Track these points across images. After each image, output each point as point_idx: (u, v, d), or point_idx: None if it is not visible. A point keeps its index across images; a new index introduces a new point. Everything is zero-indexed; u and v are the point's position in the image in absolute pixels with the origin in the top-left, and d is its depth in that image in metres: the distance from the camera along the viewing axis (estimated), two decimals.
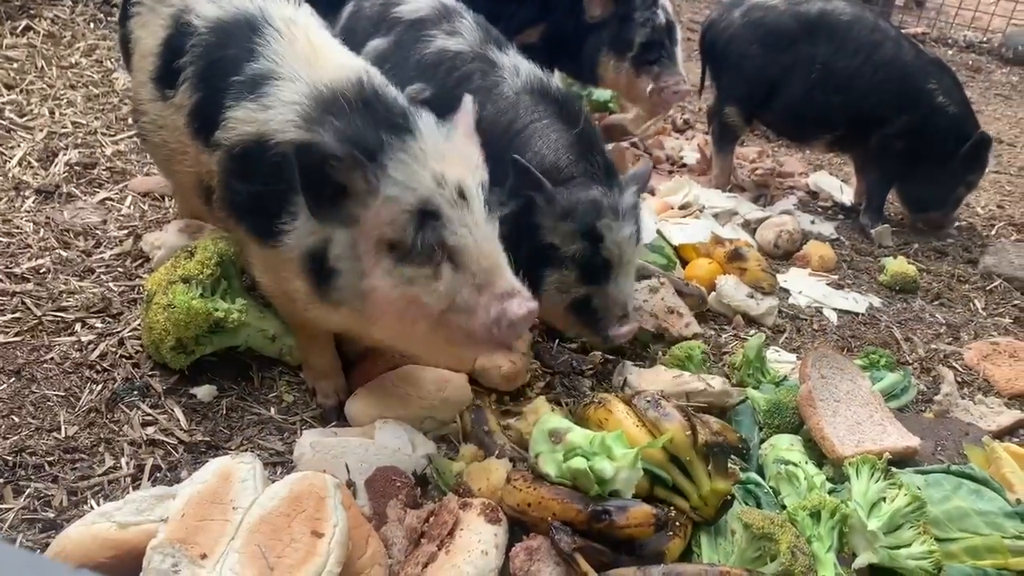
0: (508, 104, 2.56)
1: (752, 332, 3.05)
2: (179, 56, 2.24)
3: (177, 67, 2.24)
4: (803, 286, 3.45)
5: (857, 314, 3.32)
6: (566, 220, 2.39)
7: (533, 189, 2.37)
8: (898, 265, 3.61)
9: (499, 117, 2.54)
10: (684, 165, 4.57)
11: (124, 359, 2.41)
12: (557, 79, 2.66)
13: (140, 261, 2.85)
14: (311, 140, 1.88)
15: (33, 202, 3.09)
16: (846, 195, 4.42)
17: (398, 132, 1.92)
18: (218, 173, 2.16)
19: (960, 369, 3.04)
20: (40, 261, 2.75)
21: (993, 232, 4.25)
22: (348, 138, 1.91)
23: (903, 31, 7.35)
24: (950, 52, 7.54)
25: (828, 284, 3.49)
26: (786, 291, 3.40)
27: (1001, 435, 2.61)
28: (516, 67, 2.64)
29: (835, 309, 3.32)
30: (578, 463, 1.88)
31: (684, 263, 3.43)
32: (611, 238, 2.42)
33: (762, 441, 2.34)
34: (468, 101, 2.16)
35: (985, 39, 7.65)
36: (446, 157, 1.93)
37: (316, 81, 2.05)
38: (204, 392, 2.34)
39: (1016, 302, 3.55)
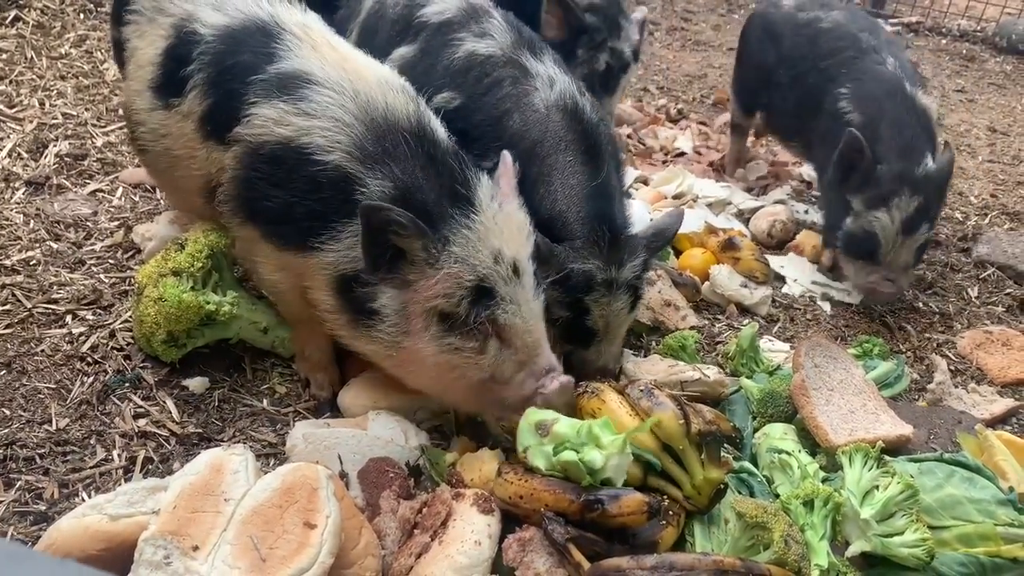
0: (537, 119, 2.43)
1: (746, 322, 3.04)
2: (185, 65, 2.20)
3: (183, 76, 2.20)
4: (799, 273, 3.44)
5: (851, 304, 3.32)
6: (554, 286, 2.26)
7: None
8: None
9: (526, 132, 2.43)
10: (682, 154, 4.55)
11: (115, 351, 2.40)
12: (589, 100, 2.53)
13: (131, 252, 2.84)
14: (378, 204, 1.86)
15: (23, 194, 3.07)
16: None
17: (460, 204, 1.96)
18: (234, 168, 2.12)
19: (953, 358, 3.04)
20: (30, 253, 2.74)
21: (986, 221, 4.25)
22: (413, 200, 1.94)
23: (898, 21, 7.31)
24: (944, 41, 7.52)
25: (824, 274, 3.48)
26: (781, 279, 3.40)
27: (994, 423, 2.61)
28: (551, 79, 2.50)
29: (830, 299, 3.32)
30: (568, 456, 1.87)
31: (678, 253, 3.42)
32: (598, 312, 2.35)
33: (755, 430, 2.34)
34: (508, 159, 2.17)
35: (979, 28, 7.64)
36: (504, 231, 1.98)
37: (361, 99, 2.03)
38: (196, 384, 2.33)
39: (1009, 291, 3.56)
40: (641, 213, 3.36)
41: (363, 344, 2.09)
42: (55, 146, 3.39)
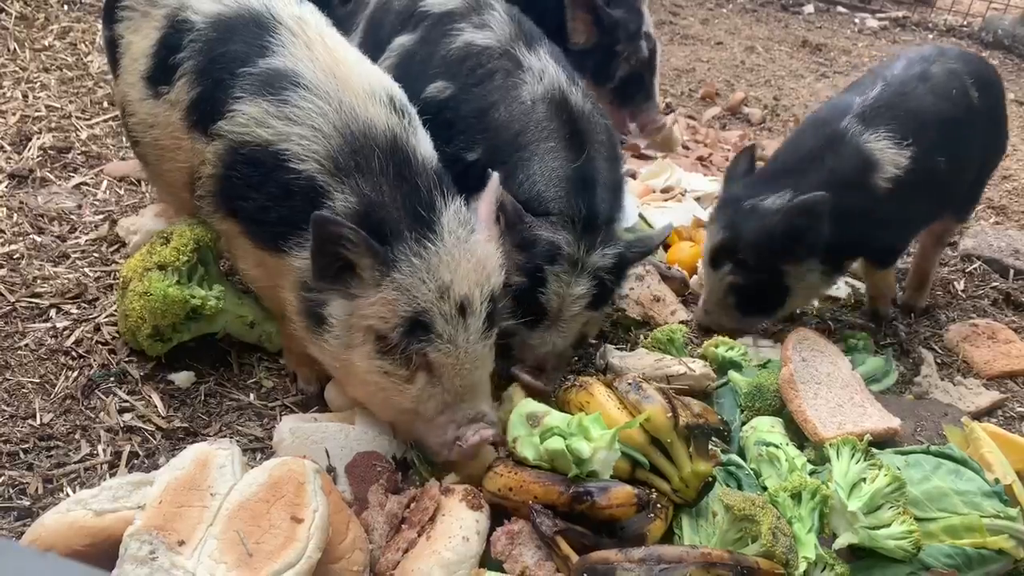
0: (521, 111, 2.41)
1: None
2: (175, 52, 2.18)
3: (173, 63, 2.18)
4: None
5: (838, 299, 3.32)
6: (518, 250, 2.25)
7: (500, 210, 2.24)
8: None
9: (510, 124, 2.41)
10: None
11: (100, 345, 2.39)
12: (580, 91, 2.50)
13: (116, 246, 2.82)
14: (329, 217, 1.84)
15: (6, 187, 3.04)
16: None
17: (420, 227, 1.91)
18: (214, 164, 2.11)
19: (940, 351, 3.05)
20: (13, 247, 2.71)
21: (972, 215, 4.27)
22: (373, 217, 1.91)
23: (884, 16, 7.33)
24: (930, 36, 7.55)
25: None
26: None
27: (980, 416, 2.63)
28: (542, 71, 2.47)
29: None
30: (555, 443, 1.87)
31: (666, 247, 3.42)
32: (554, 288, 2.28)
33: (743, 423, 2.34)
34: (495, 181, 2.12)
35: (965, 23, 7.67)
36: (460, 266, 1.91)
37: (346, 111, 2.00)
38: (182, 378, 2.32)
39: (995, 284, 3.58)
40: (630, 207, 3.36)
41: (315, 349, 2.08)
42: (39, 139, 3.36)
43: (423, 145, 2.09)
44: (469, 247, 1.95)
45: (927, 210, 2.90)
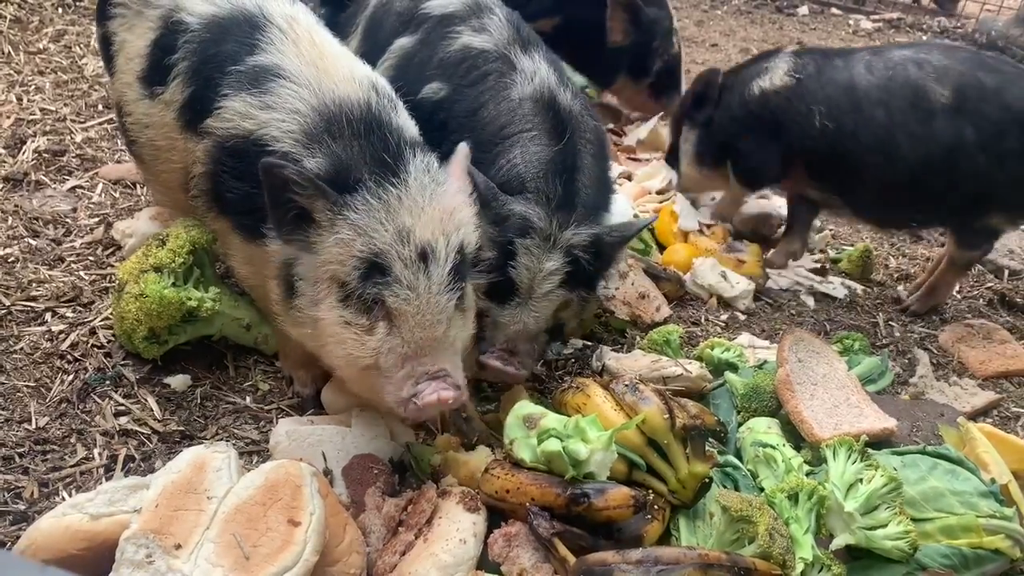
0: (508, 108, 2.43)
1: (724, 316, 3.06)
2: (170, 53, 2.19)
3: (168, 64, 2.19)
4: (783, 270, 3.45)
5: (834, 299, 3.33)
6: (490, 226, 2.23)
7: (473, 188, 2.21)
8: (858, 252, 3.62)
9: (496, 119, 2.43)
10: None
11: (96, 348, 2.38)
12: (570, 92, 2.51)
13: (111, 249, 2.81)
14: (276, 162, 1.82)
15: (1, 190, 3.03)
16: None
17: (382, 171, 1.88)
18: (204, 162, 2.12)
19: (935, 351, 3.06)
20: (8, 250, 2.70)
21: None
22: (331, 165, 1.89)
23: (879, 17, 7.35)
24: (924, 37, 7.58)
25: (809, 270, 3.50)
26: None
27: (975, 416, 2.64)
28: (534, 72, 2.48)
29: (813, 294, 3.33)
30: (552, 445, 1.87)
31: (661, 248, 3.43)
32: (524, 262, 2.24)
33: (740, 424, 2.35)
34: (463, 148, 2.11)
35: (959, 25, 7.70)
36: (424, 212, 1.87)
37: (324, 93, 2.00)
38: (178, 381, 2.31)
39: (990, 285, 3.59)
40: (624, 208, 3.37)
41: (294, 327, 2.04)
42: (33, 142, 3.35)
43: (400, 118, 2.08)
44: (436, 195, 1.91)
45: None
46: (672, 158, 3.65)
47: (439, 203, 1.90)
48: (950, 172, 2.91)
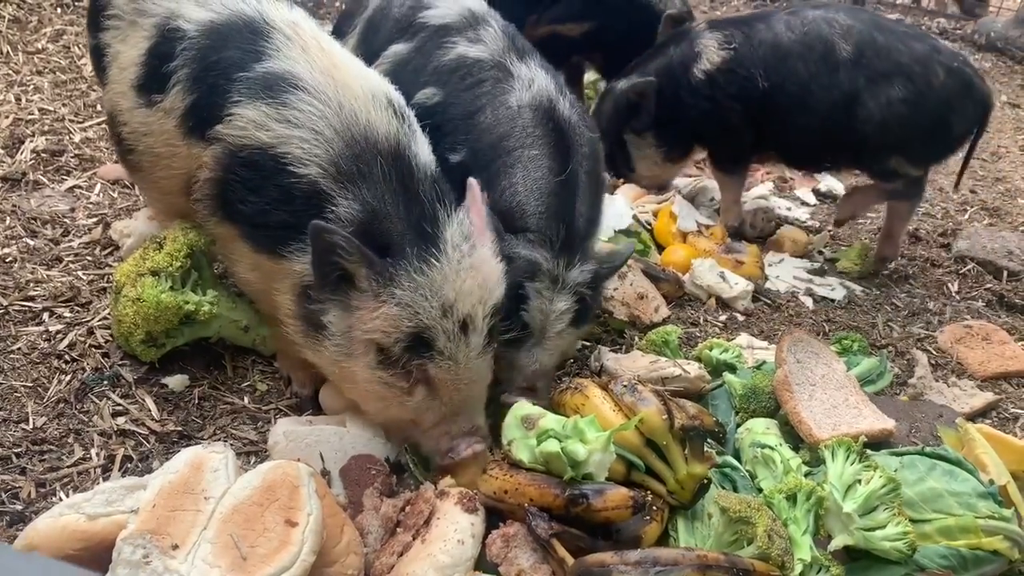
0: (507, 115, 2.43)
1: (723, 317, 3.06)
2: (168, 61, 2.16)
3: (166, 72, 2.16)
4: (780, 269, 3.46)
5: (833, 300, 3.33)
6: None
7: None
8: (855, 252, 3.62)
9: (495, 128, 2.42)
10: None
11: (93, 348, 2.38)
12: (569, 100, 2.52)
13: (109, 249, 2.81)
14: (326, 227, 1.84)
15: None
16: (823, 182, 4.43)
17: (423, 242, 1.90)
18: (212, 168, 2.09)
19: (934, 352, 3.06)
20: (6, 250, 2.70)
21: (966, 217, 4.28)
22: (377, 228, 1.91)
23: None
24: None
25: (808, 271, 3.50)
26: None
27: (974, 417, 2.63)
28: (531, 79, 2.48)
29: (812, 295, 3.33)
30: (550, 445, 1.87)
31: (660, 249, 3.42)
32: (536, 304, 2.27)
33: (738, 425, 2.34)
34: (475, 187, 2.08)
35: (958, 26, 7.70)
36: (464, 284, 1.90)
37: (347, 114, 1.99)
38: (176, 382, 2.31)
39: (989, 285, 3.59)
40: (623, 209, 3.37)
41: (311, 355, 2.08)
42: (32, 142, 3.35)
43: (423, 152, 2.09)
44: (472, 263, 1.94)
45: None
46: (611, 164, 3.62)
47: (477, 271, 1.94)
48: (850, 118, 3.24)
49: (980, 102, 3.29)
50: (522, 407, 2.01)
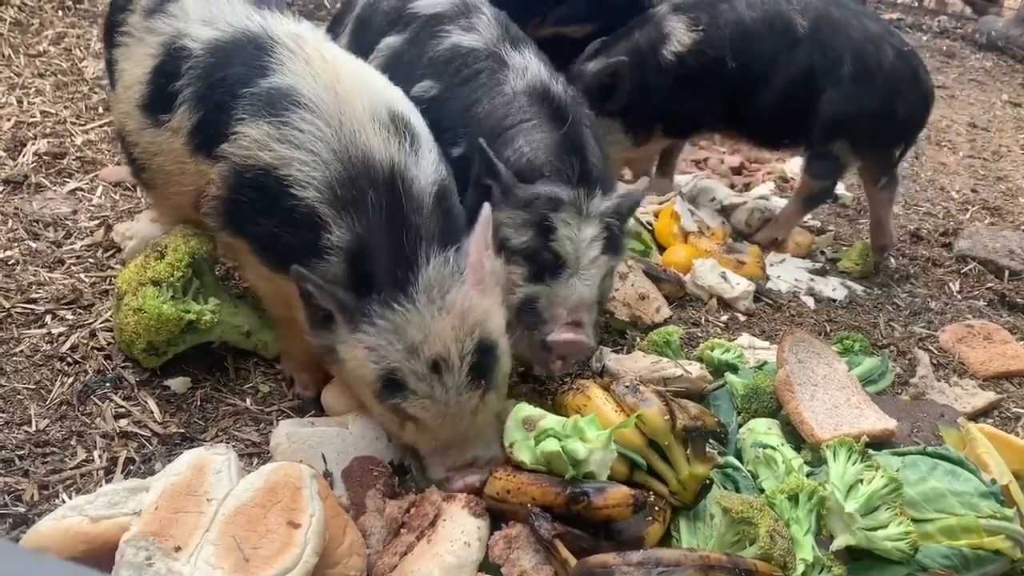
0: (504, 102, 2.45)
1: (724, 317, 3.06)
2: (173, 80, 2.16)
3: (172, 91, 2.16)
4: (782, 269, 3.46)
5: (834, 300, 3.33)
6: (519, 210, 2.26)
7: (491, 178, 2.26)
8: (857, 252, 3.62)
9: (492, 114, 2.44)
10: None
11: (96, 351, 2.38)
12: (562, 84, 2.54)
13: (112, 252, 2.82)
14: (302, 273, 1.88)
15: (1, 193, 3.03)
16: None
17: (396, 282, 1.90)
18: (220, 186, 2.09)
19: (935, 352, 3.06)
20: (9, 252, 2.71)
21: (967, 216, 4.29)
22: (360, 262, 1.93)
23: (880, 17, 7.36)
24: (924, 38, 7.58)
25: (810, 271, 3.50)
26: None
27: (976, 416, 2.63)
28: (525, 67, 2.50)
29: (813, 295, 3.33)
30: (551, 445, 1.87)
31: (661, 249, 3.43)
32: (565, 233, 2.26)
33: (740, 425, 2.35)
34: (487, 213, 2.07)
35: (959, 25, 7.70)
36: (435, 323, 1.89)
37: (346, 135, 1.99)
38: (178, 383, 2.31)
39: (990, 285, 3.59)
40: None
41: (325, 358, 2.11)
42: (34, 144, 3.35)
43: (423, 172, 2.05)
44: (447, 303, 1.92)
45: None
46: None
47: (452, 310, 1.92)
48: (805, 94, 3.31)
49: (923, 94, 3.36)
50: (522, 409, 2.01)
